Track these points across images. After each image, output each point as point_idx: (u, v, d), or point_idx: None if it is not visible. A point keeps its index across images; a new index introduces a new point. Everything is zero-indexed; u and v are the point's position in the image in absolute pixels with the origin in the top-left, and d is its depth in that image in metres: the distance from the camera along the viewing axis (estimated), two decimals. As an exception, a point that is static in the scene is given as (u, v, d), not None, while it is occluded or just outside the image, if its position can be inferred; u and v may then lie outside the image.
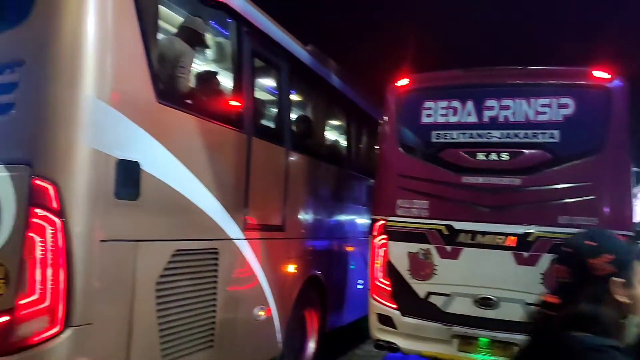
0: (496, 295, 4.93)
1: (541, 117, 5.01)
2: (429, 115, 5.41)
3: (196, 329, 3.71)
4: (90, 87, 2.83)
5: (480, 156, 5.17)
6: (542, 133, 4.98)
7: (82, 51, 2.82)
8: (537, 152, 4.99)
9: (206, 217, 3.82)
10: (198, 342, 3.74)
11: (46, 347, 2.64)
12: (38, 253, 2.67)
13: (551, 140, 4.95)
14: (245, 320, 4.39)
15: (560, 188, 4.88)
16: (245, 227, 4.30)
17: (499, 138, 5.12)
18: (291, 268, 5.24)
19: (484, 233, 5.01)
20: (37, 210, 2.69)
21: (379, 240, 5.46)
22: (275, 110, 5.36)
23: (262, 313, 4.63)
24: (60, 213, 2.70)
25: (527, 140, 5.03)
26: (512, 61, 5.40)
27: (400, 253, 5.35)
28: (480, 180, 5.11)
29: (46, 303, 2.67)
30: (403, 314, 5.27)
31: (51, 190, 2.69)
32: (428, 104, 5.42)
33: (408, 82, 5.59)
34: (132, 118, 3.07)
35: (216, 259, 3.94)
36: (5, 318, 2.68)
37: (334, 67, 6.63)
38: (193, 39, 4.07)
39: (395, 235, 5.39)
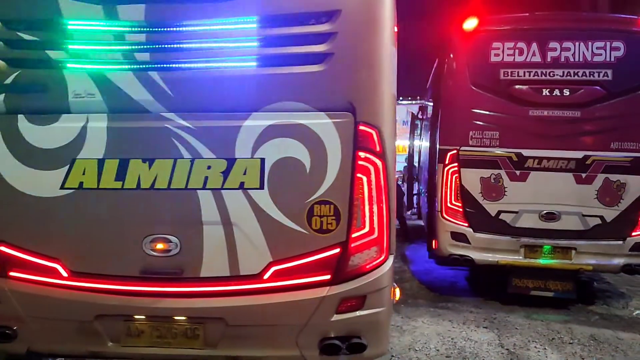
0: (558, 210, 5.91)
1: (597, 59, 5.87)
2: (497, 55, 6.03)
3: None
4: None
5: (545, 92, 5.96)
6: (597, 72, 5.87)
7: None
8: (593, 89, 5.89)
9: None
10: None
11: (378, 273, 3.00)
12: (366, 192, 2.96)
13: (605, 78, 5.86)
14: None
15: (612, 119, 5.86)
16: None
17: (561, 76, 5.92)
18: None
19: (549, 158, 5.90)
20: (361, 154, 2.94)
21: (451, 168, 6.14)
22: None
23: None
24: (382, 155, 2.98)
25: (585, 78, 5.89)
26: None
27: (472, 178, 6.09)
28: (545, 113, 5.93)
29: (374, 235, 3.00)
30: (475, 231, 6.09)
31: (374, 135, 2.95)
32: (496, 44, 6.03)
33: (477, 24, 6.10)
34: None
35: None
36: (337, 250, 2.97)
37: None
38: None
39: (468, 162, 6.09)
